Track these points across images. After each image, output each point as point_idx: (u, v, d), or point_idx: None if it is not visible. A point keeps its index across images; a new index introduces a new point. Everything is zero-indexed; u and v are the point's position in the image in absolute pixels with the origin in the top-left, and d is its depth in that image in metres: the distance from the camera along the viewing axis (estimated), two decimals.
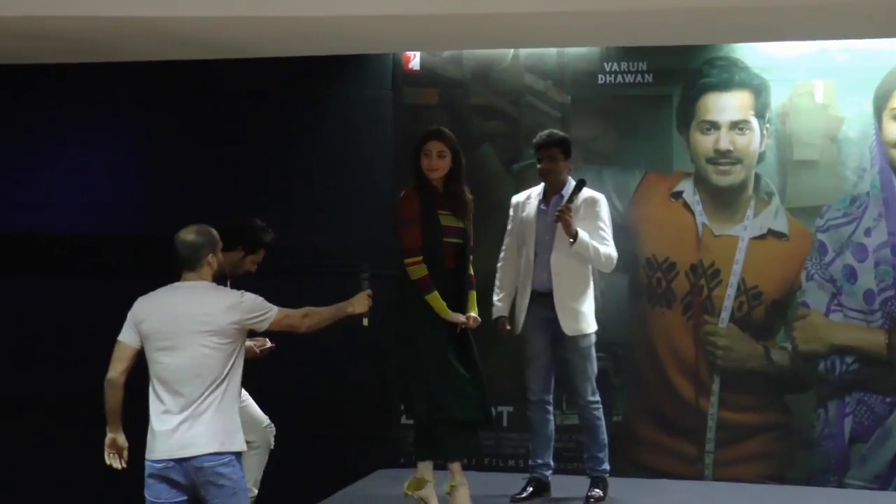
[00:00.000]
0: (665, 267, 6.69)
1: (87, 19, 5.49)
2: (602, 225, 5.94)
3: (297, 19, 5.45)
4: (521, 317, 5.99)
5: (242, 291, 4.35)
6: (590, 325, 5.97)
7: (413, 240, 5.41)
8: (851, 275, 6.42)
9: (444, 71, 7.05)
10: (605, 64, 6.88)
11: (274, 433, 5.64)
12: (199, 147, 7.13)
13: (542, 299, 5.90)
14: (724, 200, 6.72)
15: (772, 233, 6.69)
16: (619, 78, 6.89)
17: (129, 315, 4.33)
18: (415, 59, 7.05)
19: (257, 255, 5.60)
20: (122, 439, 4.32)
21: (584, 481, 6.16)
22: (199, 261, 4.34)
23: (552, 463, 6.16)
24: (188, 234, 4.36)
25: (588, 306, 5.98)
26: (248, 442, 4.77)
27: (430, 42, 6.69)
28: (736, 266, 6.72)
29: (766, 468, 6.68)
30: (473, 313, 5.45)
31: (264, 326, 4.39)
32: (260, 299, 4.37)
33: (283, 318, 4.44)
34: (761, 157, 6.71)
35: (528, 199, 6.08)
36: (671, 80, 6.82)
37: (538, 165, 5.96)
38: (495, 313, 6.06)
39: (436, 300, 5.36)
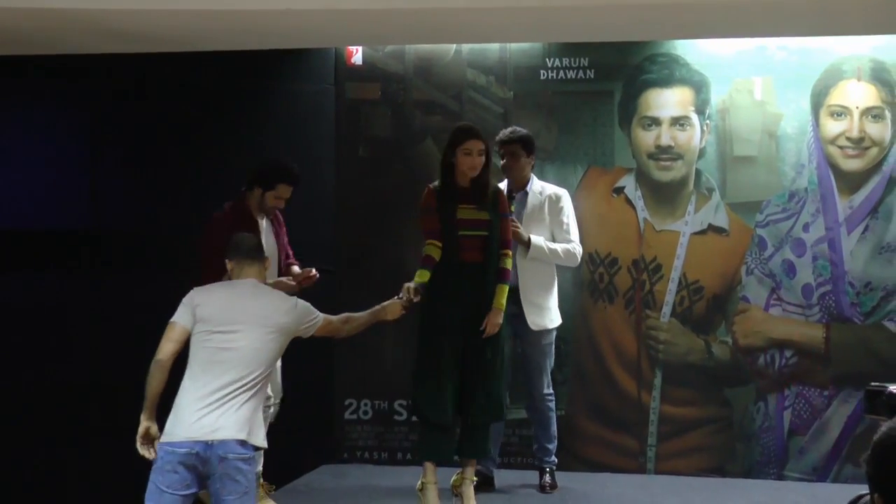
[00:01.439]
0: (607, 262, 6.73)
1: (24, 11, 5.44)
2: (565, 220, 6.12)
3: (238, 13, 5.46)
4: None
5: (295, 298, 4.57)
6: (553, 321, 6.10)
7: (428, 225, 5.53)
8: (790, 269, 6.46)
9: (387, 66, 7.04)
10: (547, 60, 6.90)
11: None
12: (141, 142, 7.09)
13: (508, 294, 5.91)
14: (666, 196, 6.76)
15: (712, 228, 6.73)
16: (561, 74, 6.91)
17: (186, 299, 4.50)
18: (357, 54, 7.04)
19: (277, 191, 5.72)
20: (155, 428, 4.38)
21: (526, 474, 6.33)
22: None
23: (497, 458, 6.20)
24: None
25: (553, 302, 6.11)
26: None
27: (373, 37, 6.71)
28: (677, 261, 6.76)
29: (707, 461, 6.74)
30: (497, 307, 5.44)
31: (310, 332, 4.63)
32: (309, 305, 4.60)
33: (328, 324, 4.71)
34: (702, 153, 6.76)
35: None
36: (613, 76, 6.86)
37: (501, 162, 6.08)
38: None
39: (420, 275, 5.40)
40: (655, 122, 6.78)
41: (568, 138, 6.80)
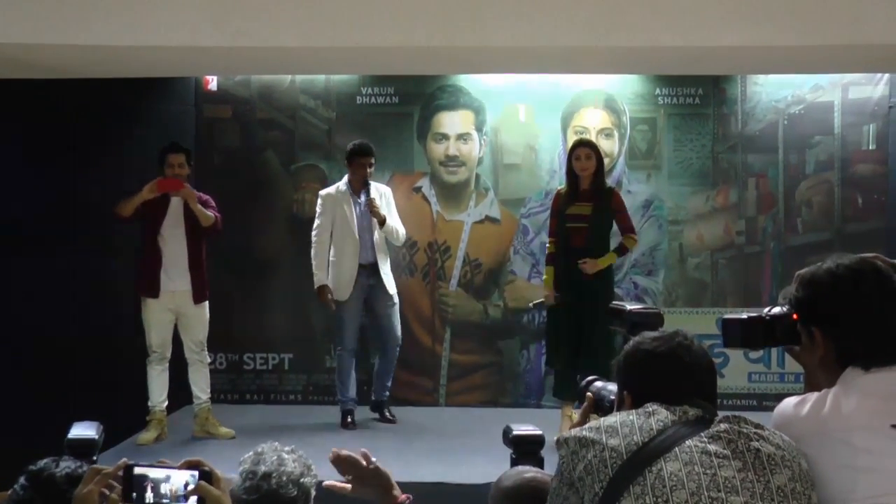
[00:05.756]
0: (408, 245, 6.93)
1: None
2: (393, 210, 6.43)
3: (117, 48, 5.48)
4: (351, 285, 6.26)
5: None
6: (394, 286, 6.46)
7: (550, 227, 6.05)
8: (545, 250, 6.33)
9: (236, 91, 7.17)
10: (363, 88, 7.15)
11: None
12: (33, 151, 6.92)
13: (365, 269, 6.28)
14: (453, 194, 7.13)
15: (488, 218, 7.12)
16: (373, 99, 7.14)
17: None
18: (213, 82, 7.14)
19: (166, 161, 5.90)
20: None
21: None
22: None
23: (356, 397, 6.50)
24: None
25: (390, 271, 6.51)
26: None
27: (225, 68, 6.87)
28: (462, 244, 7.11)
29: (484, 395, 7.15)
30: (590, 261, 5.77)
31: None
32: None
33: None
34: (480, 161, 7.12)
35: (337, 191, 6.35)
36: (412, 102, 7.14)
37: (363, 167, 6.22)
38: (318, 282, 6.31)
39: (547, 273, 5.98)
40: (445, 137, 7.12)
41: (378, 149, 6.72)
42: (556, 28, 5.38)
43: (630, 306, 2.93)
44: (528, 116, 7.18)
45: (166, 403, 6.07)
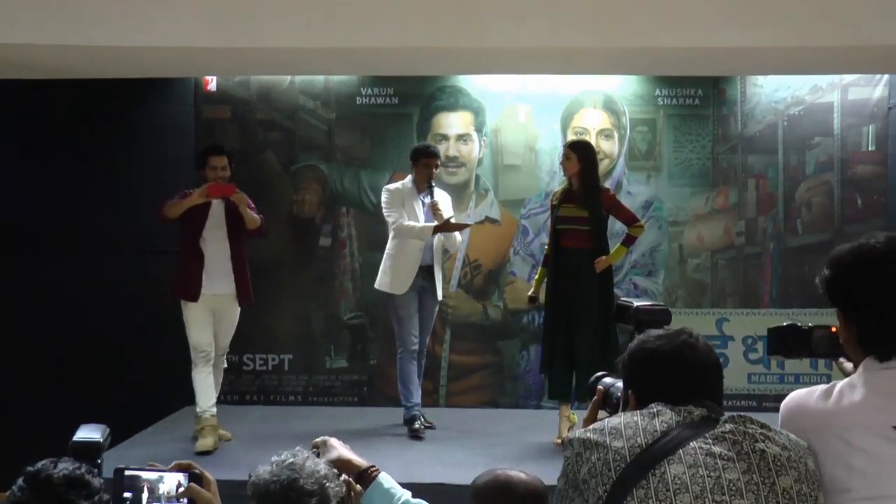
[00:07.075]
0: None
1: None
2: (452, 213, 6.29)
3: (117, 48, 5.55)
4: (409, 282, 6.10)
5: None
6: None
7: (549, 228, 6.06)
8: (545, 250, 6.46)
9: (236, 92, 7.21)
10: (362, 89, 7.20)
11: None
12: (34, 152, 7.01)
13: (422, 270, 6.15)
14: (453, 194, 6.79)
15: (488, 219, 7.18)
16: (373, 100, 7.20)
17: None
18: (212, 83, 7.19)
19: (208, 164, 5.80)
20: None
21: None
22: None
23: (420, 401, 6.35)
24: None
25: None
26: None
27: (225, 69, 6.94)
28: (462, 244, 6.88)
29: (484, 396, 7.19)
30: (602, 259, 5.73)
31: None
32: None
33: None
34: (480, 162, 7.19)
35: (404, 187, 6.17)
36: (412, 102, 7.20)
37: (429, 168, 6.07)
38: (428, 227, 6.06)
39: (539, 273, 6.09)
40: (445, 137, 7.17)
41: (378, 150, 7.13)
42: (556, 28, 5.41)
43: (637, 303, 2.91)
44: (527, 117, 7.22)
45: (216, 409, 5.87)
